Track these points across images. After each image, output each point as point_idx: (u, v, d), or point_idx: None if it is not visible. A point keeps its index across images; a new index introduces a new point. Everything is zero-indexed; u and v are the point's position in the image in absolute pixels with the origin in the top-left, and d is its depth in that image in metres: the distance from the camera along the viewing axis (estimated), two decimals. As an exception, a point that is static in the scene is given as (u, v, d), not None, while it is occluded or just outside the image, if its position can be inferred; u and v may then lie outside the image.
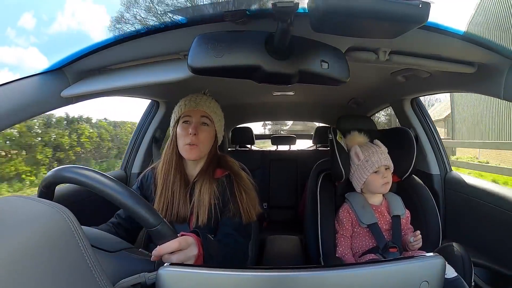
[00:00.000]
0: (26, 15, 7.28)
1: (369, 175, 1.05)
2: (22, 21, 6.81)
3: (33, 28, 6.40)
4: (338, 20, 0.46)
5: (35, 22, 6.79)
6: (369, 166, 1.05)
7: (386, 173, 1.05)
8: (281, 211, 2.22)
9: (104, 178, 0.52)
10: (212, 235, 0.87)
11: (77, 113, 5.23)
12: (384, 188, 1.05)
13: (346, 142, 1.14)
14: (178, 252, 0.56)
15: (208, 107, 0.88)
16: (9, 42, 6.64)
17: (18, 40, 6.65)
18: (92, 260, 0.41)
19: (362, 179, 1.06)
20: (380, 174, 1.04)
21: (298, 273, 0.49)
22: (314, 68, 0.58)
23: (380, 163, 1.04)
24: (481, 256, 1.05)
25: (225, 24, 0.60)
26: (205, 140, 0.87)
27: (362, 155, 1.07)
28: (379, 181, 1.04)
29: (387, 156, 1.06)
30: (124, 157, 1.56)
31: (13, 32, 6.93)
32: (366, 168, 1.05)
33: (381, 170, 1.05)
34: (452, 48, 0.75)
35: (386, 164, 1.05)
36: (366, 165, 1.05)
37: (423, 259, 0.53)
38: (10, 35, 6.69)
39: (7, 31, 7.33)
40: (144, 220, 0.51)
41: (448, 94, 10.17)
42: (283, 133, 2.91)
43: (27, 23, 6.35)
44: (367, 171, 1.05)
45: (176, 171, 0.88)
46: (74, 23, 6.89)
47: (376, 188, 1.05)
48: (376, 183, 1.05)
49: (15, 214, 0.40)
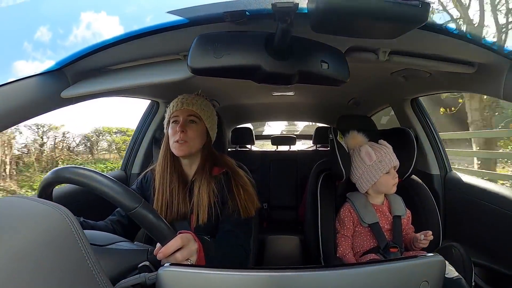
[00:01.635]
0: (42, 29, 7.36)
1: (382, 175, 1.04)
2: (39, 34, 6.83)
3: (49, 41, 6.44)
4: (338, 20, 0.46)
5: (51, 35, 6.84)
6: (382, 167, 1.03)
7: (395, 173, 1.05)
8: (281, 211, 2.22)
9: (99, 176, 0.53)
10: (211, 236, 0.87)
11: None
12: (394, 188, 1.05)
13: (346, 142, 1.14)
14: (181, 250, 0.57)
15: (195, 105, 0.89)
16: (27, 56, 6.69)
17: (36, 54, 6.64)
18: (92, 260, 0.41)
19: (373, 180, 1.05)
20: (391, 174, 1.04)
21: (298, 273, 0.49)
22: (314, 68, 0.58)
23: (392, 163, 1.04)
24: (481, 256, 1.05)
25: (225, 25, 0.60)
26: (194, 136, 0.87)
27: (374, 155, 1.05)
28: (390, 181, 1.03)
29: (396, 157, 1.06)
30: (124, 157, 1.57)
31: (30, 46, 7.00)
32: (379, 169, 1.03)
33: (392, 170, 1.05)
34: (452, 48, 0.75)
35: (396, 165, 1.05)
36: (380, 166, 1.03)
37: (423, 259, 0.54)
38: (27, 49, 6.76)
39: (24, 45, 7.43)
40: (121, 202, 0.52)
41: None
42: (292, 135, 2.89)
43: (43, 36, 6.36)
44: (380, 172, 1.03)
45: (172, 170, 0.89)
46: (89, 34, 6.99)
47: (388, 189, 1.05)
48: (388, 183, 1.04)
49: (15, 214, 0.40)
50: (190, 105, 0.88)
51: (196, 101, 0.90)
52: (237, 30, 0.59)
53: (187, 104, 0.88)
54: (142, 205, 0.52)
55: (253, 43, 0.55)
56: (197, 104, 0.90)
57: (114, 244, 0.59)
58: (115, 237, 0.63)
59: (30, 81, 0.67)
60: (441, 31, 0.65)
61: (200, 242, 0.63)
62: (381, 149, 1.06)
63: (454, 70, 0.85)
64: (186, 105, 0.88)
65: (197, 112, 0.89)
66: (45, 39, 6.10)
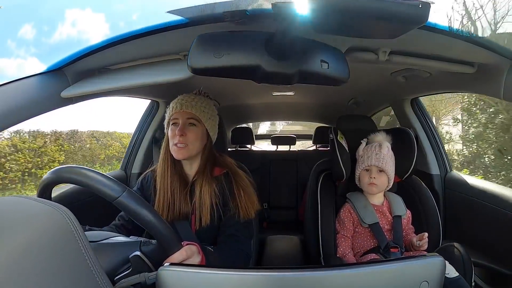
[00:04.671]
0: (26, 26, 7.26)
1: (361, 171, 1.09)
2: (22, 32, 6.75)
3: (33, 39, 6.38)
4: (338, 20, 0.46)
5: (35, 32, 6.76)
6: (361, 162, 1.09)
7: (377, 176, 1.05)
8: (281, 211, 2.22)
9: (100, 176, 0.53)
10: (212, 237, 0.88)
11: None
12: (369, 188, 1.06)
13: (369, 139, 1.14)
14: (185, 262, 0.57)
15: (194, 107, 0.87)
16: (9, 54, 6.62)
17: (19, 51, 6.59)
18: (92, 260, 0.41)
19: (357, 174, 1.11)
20: (371, 173, 1.06)
21: (298, 273, 0.49)
22: (314, 68, 0.58)
23: (370, 162, 1.06)
24: (481, 256, 1.05)
25: (225, 24, 0.60)
26: (193, 139, 0.87)
27: (361, 151, 1.10)
28: (366, 179, 1.07)
29: (380, 159, 1.05)
30: (124, 157, 1.57)
31: (13, 43, 6.91)
32: (361, 163, 1.09)
33: (373, 170, 1.06)
34: (452, 48, 0.75)
35: (377, 165, 1.05)
36: (361, 160, 1.09)
37: (423, 259, 0.54)
38: (11, 46, 6.68)
39: (8, 43, 7.33)
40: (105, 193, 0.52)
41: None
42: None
43: (27, 34, 6.32)
44: (359, 167, 1.10)
45: (172, 171, 0.89)
46: (74, 32, 6.89)
47: (364, 186, 1.08)
48: (363, 180, 1.08)
49: (15, 214, 0.40)
50: (189, 107, 0.87)
51: (196, 102, 0.89)
52: (237, 30, 0.59)
53: (186, 106, 0.87)
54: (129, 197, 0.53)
55: (253, 43, 0.55)
56: (197, 106, 0.88)
57: (108, 239, 0.59)
58: (109, 233, 0.63)
59: (30, 81, 0.67)
60: (441, 31, 0.65)
61: (203, 252, 0.64)
62: (371, 148, 1.08)
63: (454, 70, 0.85)
64: (185, 108, 0.87)
65: (197, 114, 0.87)
66: (29, 36, 6.07)
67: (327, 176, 1.21)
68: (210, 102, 0.93)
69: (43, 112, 0.70)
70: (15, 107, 0.63)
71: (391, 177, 1.07)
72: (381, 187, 1.07)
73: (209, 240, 0.87)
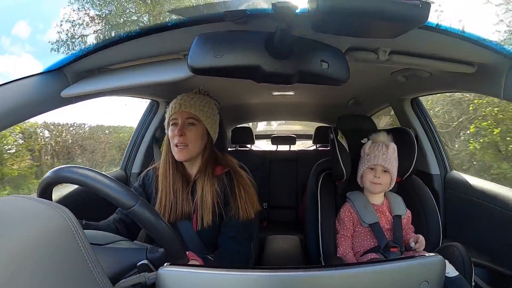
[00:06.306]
0: (21, 23, 7.10)
1: (365, 169, 1.08)
2: (17, 29, 6.62)
3: (28, 36, 6.25)
4: (338, 20, 0.46)
5: (30, 30, 6.64)
6: (367, 161, 1.08)
7: (382, 175, 1.05)
8: (281, 211, 2.22)
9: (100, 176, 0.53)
10: (212, 237, 0.88)
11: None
12: (372, 187, 1.06)
13: (372, 139, 1.14)
14: None
15: (193, 107, 0.87)
16: (3, 51, 6.46)
17: (13, 48, 6.43)
18: (92, 260, 0.41)
19: (360, 172, 1.11)
20: (375, 172, 1.06)
21: (298, 273, 0.49)
22: (314, 68, 0.58)
23: (376, 162, 1.05)
24: (481, 256, 1.05)
25: (225, 24, 0.60)
26: (194, 139, 0.87)
27: (368, 150, 1.10)
28: (370, 178, 1.07)
29: (387, 159, 1.05)
30: (124, 156, 1.56)
31: (8, 40, 6.77)
32: (365, 162, 1.09)
33: (378, 169, 1.05)
34: (452, 48, 0.75)
35: (382, 165, 1.05)
36: (367, 159, 1.09)
37: (423, 259, 0.54)
38: (5, 44, 6.55)
39: (1, 40, 7.21)
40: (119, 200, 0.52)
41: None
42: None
43: (22, 31, 6.21)
44: (364, 165, 1.09)
45: (174, 171, 0.89)
46: (69, 28, 6.71)
47: (368, 185, 1.08)
48: (367, 179, 1.08)
49: (15, 214, 0.40)
50: (188, 107, 0.87)
51: (195, 101, 0.88)
52: (237, 29, 0.59)
53: (185, 106, 0.87)
54: (140, 203, 0.52)
55: (253, 42, 0.55)
56: (196, 105, 0.88)
57: (114, 243, 0.59)
58: (114, 236, 0.63)
59: (30, 80, 0.67)
60: (442, 31, 0.65)
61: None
62: (378, 147, 1.07)
63: (454, 70, 0.85)
64: (184, 107, 0.86)
65: (196, 114, 0.87)
66: (23, 34, 6.01)
67: (327, 176, 1.21)
68: (209, 100, 0.93)
69: (43, 112, 0.70)
70: (15, 107, 0.63)
71: (394, 178, 1.07)
72: (384, 187, 1.07)
73: (211, 240, 0.88)
